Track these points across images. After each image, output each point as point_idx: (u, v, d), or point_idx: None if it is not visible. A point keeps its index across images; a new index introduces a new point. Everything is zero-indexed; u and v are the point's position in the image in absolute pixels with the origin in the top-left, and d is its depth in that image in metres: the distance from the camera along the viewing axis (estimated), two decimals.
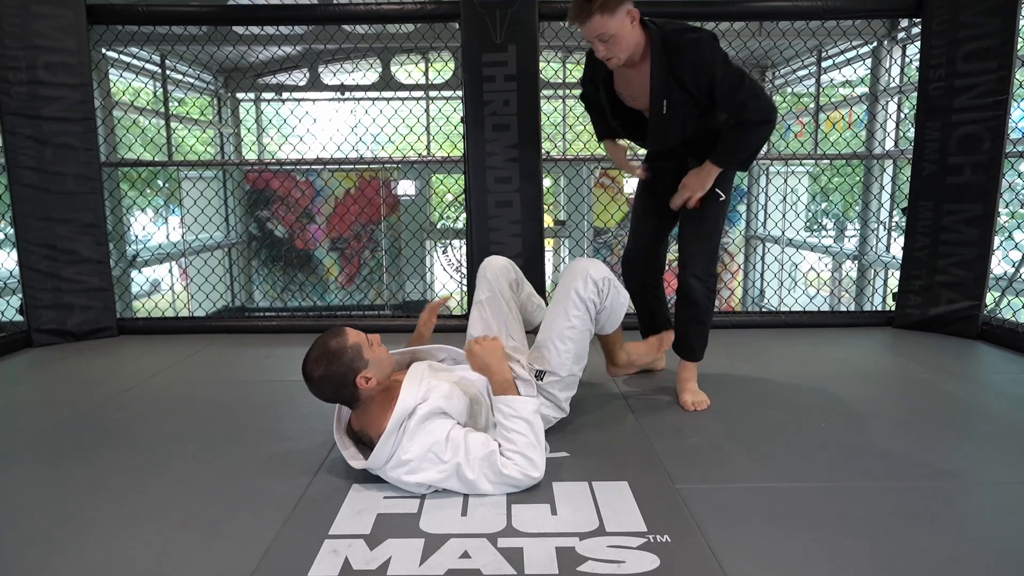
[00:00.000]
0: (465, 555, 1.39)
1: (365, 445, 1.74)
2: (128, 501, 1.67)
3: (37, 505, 1.68)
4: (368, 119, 6.01)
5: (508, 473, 1.62)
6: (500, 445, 1.66)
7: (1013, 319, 3.16)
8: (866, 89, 5.86)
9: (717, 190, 2.20)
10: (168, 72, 6.20)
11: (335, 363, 1.62)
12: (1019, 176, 3.37)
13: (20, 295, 3.28)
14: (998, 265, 3.44)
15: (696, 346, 2.34)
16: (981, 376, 2.76)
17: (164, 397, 2.52)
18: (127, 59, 5.79)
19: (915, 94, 3.33)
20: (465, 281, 3.66)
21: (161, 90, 6.08)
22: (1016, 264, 3.52)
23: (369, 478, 1.69)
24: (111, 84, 5.60)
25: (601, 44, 2.00)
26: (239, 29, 5.13)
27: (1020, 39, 3.00)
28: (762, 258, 7.75)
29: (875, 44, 5.45)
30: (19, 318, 3.32)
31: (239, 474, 1.81)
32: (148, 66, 6.09)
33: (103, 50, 5.19)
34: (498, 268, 2.17)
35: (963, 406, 2.36)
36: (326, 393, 1.68)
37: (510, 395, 1.69)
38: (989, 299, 3.23)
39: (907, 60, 5.33)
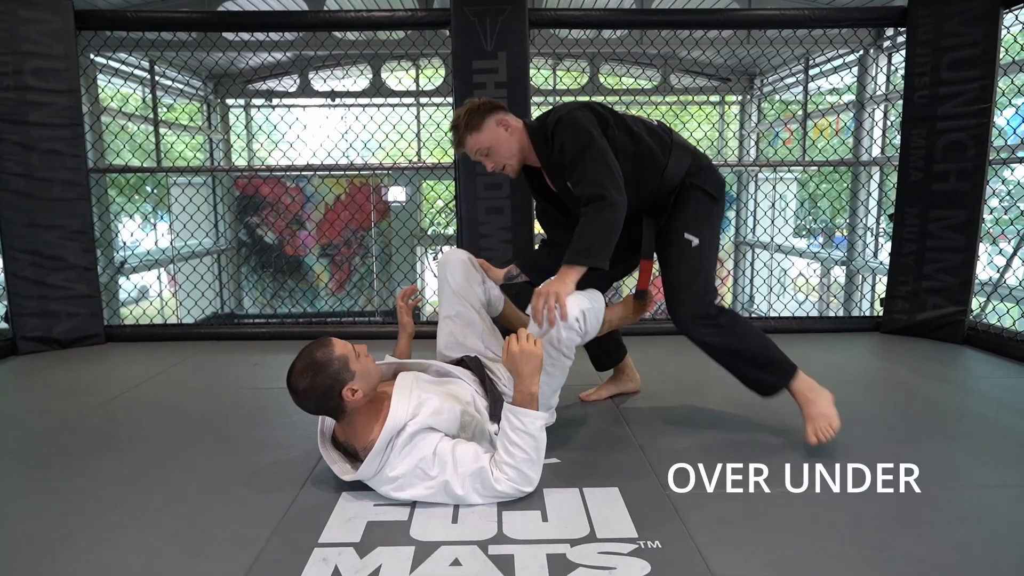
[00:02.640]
0: (456, 562, 1.39)
1: (351, 455, 1.73)
2: (115, 511, 1.65)
3: (22, 516, 1.65)
4: (359, 125, 6.00)
5: (500, 489, 1.60)
6: (495, 454, 1.64)
7: (998, 324, 3.19)
8: (853, 97, 5.92)
9: (686, 235, 1.98)
10: (157, 78, 6.17)
11: (321, 375, 1.58)
12: (1003, 183, 3.42)
13: (5, 302, 3.25)
14: (983, 271, 3.48)
15: (764, 378, 2.04)
16: (967, 381, 2.79)
17: (152, 405, 2.50)
18: (116, 65, 5.76)
19: (901, 102, 3.37)
20: None
21: (150, 96, 6.05)
22: (1001, 270, 3.56)
23: (359, 486, 1.68)
24: (99, 90, 5.57)
25: (486, 160, 2.00)
26: (229, 35, 5.12)
27: (1002, 48, 3.05)
28: (751, 264, 7.80)
29: (861, 52, 5.52)
30: (3, 325, 3.29)
31: (228, 483, 1.80)
32: (137, 72, 6.06)
33: (91, 55, 5.15)
34: (462, 280, 2.05)
35: (949, 411, 2.38)
36: (310, 405, 1.63)
37: (524, 408, 1.62)
38: (975, 304, 3.27)
39: (893, 68, 5.40)
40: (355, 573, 1.35)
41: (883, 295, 3.53)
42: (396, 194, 7.96)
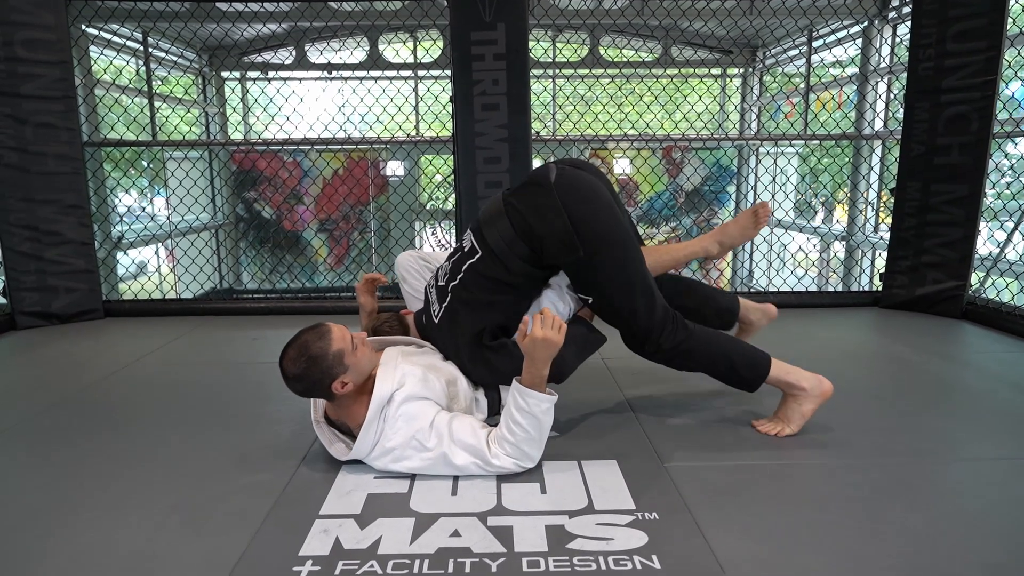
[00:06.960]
0: (455, 534, 1.40)
1: (345, 433, 1.73)
2: (116, 485, 1.66)
3: (24, 490, 1.67)
4: (356, 98, 5.93)
5: (499, 464, 1.60)
6: (495, 431, 1.63)
7: (997, 299, 3.20)
8: (856, 69, 5.84)
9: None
10: (151, 50, 6.07)
11: (313, 368, 1.58)
12: (1006, 157, 3.39)
13: (2, 277, 3.24)
14: (983, 245, 3.47)
15: (734, 374, 1.90)
16: (964, 355, 2.80)
17: (151, 380, 2.51)
18: (108, 36, 5.66)
19: (905, 74, 3.33)
20: None
21: (144, 68, 5.96)
22: (1000, 244, 3.55)
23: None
24: (92, 62, 5.48)
25: None
26: (223, 6, 5.02)
27: (1010, 19, 3.00)
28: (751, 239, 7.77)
29: (866, 24, 5.43)
30: (2, 300, 3.28)
31: (228, 456, 1.81)
32: (130, 43, 5.96)
33: (83, 26, 5.06)
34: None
35: (946, 385, 2.40)
36: (299, 389, 1.64)
37: (531, 389, 1.57)
38: (974, 279, 3.26)
39: (897, 40, 5.32)
40: (356, 544, 1.37)
41: (882, 270, 3.53)
42: (394, 168, 7.89)
